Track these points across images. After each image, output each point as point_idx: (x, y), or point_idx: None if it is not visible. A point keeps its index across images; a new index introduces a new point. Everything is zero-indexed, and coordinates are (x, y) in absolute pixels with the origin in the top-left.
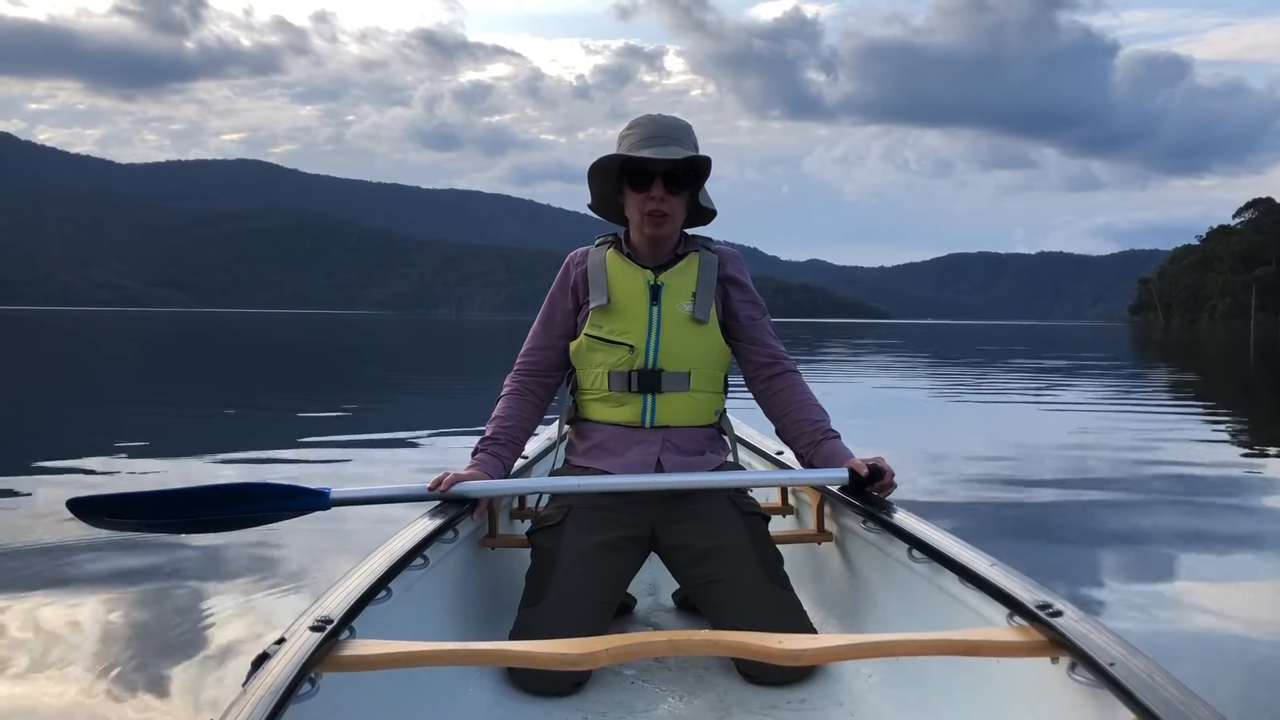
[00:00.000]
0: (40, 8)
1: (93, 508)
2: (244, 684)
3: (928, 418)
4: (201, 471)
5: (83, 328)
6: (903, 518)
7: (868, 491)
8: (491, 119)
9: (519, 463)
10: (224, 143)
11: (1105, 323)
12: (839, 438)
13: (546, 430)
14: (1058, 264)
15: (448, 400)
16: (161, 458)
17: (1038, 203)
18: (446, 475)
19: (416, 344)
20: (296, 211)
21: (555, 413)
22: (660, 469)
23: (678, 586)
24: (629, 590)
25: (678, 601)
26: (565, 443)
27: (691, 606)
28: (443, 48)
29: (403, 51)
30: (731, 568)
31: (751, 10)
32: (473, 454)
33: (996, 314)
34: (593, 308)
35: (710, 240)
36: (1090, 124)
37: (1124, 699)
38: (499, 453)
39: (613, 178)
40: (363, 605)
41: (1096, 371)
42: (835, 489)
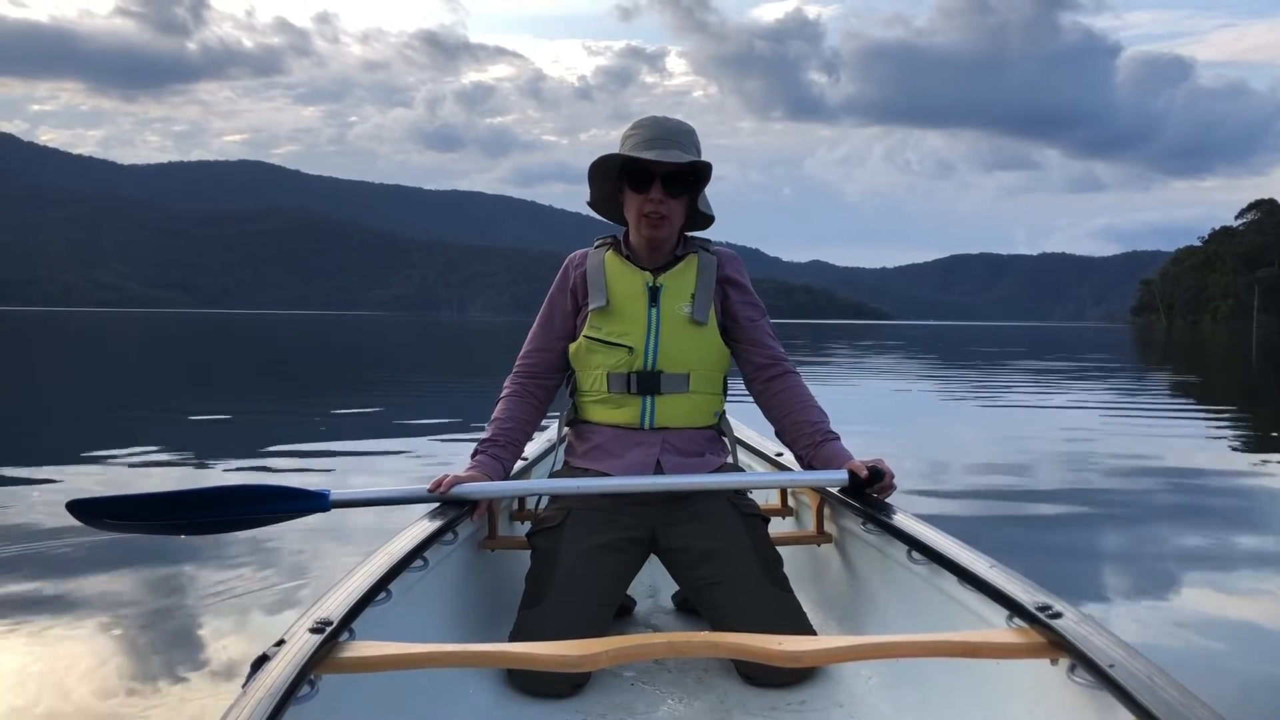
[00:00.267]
0: (42, 9)
1: (92, 509)
2: (243, 685)
3: (928, 419)
4: (202, 473)
5: (84, 329)
6: (902, 519)
7: (867, 493)
8: (493, 120)
9: (518, 464)
10: (226, 144)
11: (1107, 324)
12: (839, 439)
13: (546, 432)
14: (1060, 265)
15: (448, 401)
16: (162, 459)
17: (1040, 204)
18: (446, 477)
19: (418, 345)
20: (299, 212)
21: (555, 414)
22: (660, 470)
23: (677, 588)
24: (629, 592)
25: (677, 603)
26: (565, 444)
27: (691, 608)
28: (445, 49)
29: (405, 52)
30: (731, 569)
31: (753, 11)
32: (472, 456)
33: (998, 315)
34: (592, 309)
35: (709, 241)
36: (1092, 125)
37: (1124, 701)
38: (498, 454)
39: (613, 177)
40: (362, 607)
41: (1098, 373)
42: (835, 490)
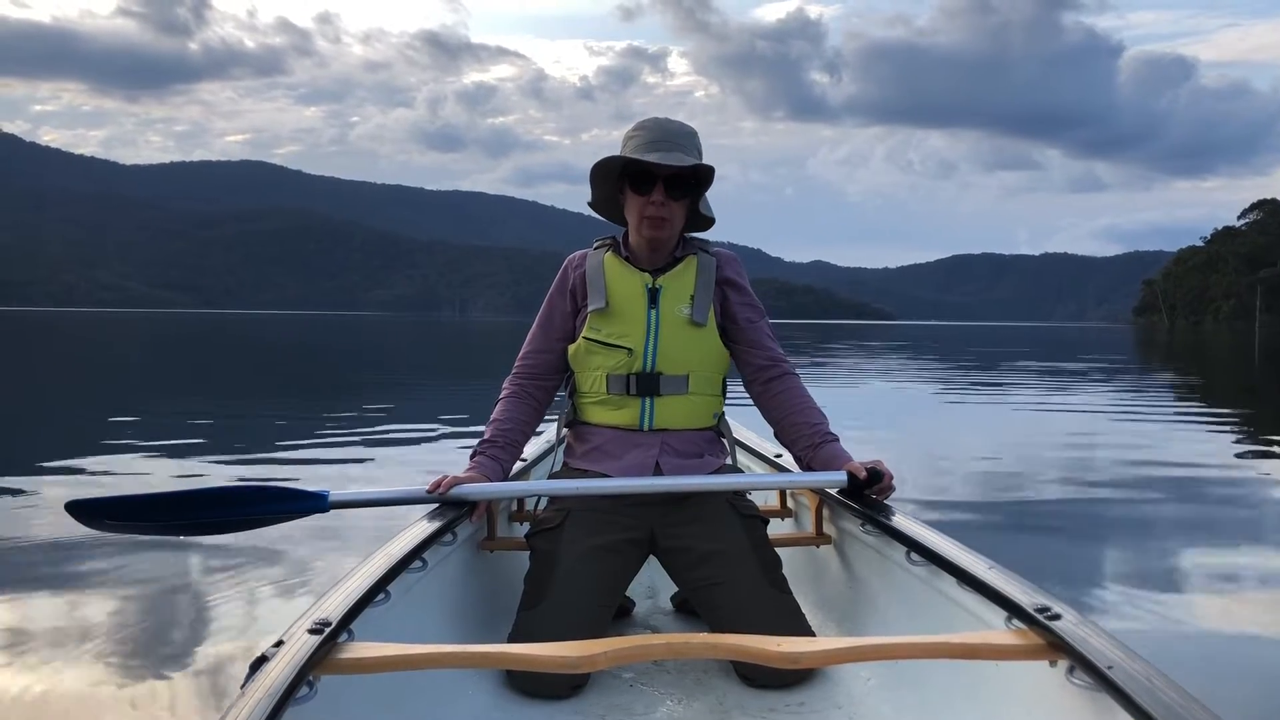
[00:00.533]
0: (44, 9)
1: (91, 510)
2: (242, 686)
3: (928, 420)
4: (202, 473)
5: (86, 329)
6: (901, 520)
7: (866, 494)
8: (495, 120)
9: (517, 465)
10: (228, 144)
11: (1109, 324)
12: (838, 440)
13: (545, 433)
14: (1062, 265)
15: (448, 402)
16: (162, 459)
17: (1042, 204)
18: (445, 478)
19: (418, 345)
20: (300, 213)
21: (554, 415)
22: (659, 472)
23: (676, 589)
24: (628, 593)
25: (676, 604)
26: (564, 445)
27: (690, 609)
28: (446, 49)
29: (406, 53)
30: (730, 570)
31: (755, 11)
32: (471, 456)
33: (1000, 315)
34: (591, 311)
35: (708, 242)
36: (1095, 125)
37: (1122, 702)
38: (498, 455)
39: (614, 178)
40: (361, 608)
41: (1100, 373)
42: (834, 492)
